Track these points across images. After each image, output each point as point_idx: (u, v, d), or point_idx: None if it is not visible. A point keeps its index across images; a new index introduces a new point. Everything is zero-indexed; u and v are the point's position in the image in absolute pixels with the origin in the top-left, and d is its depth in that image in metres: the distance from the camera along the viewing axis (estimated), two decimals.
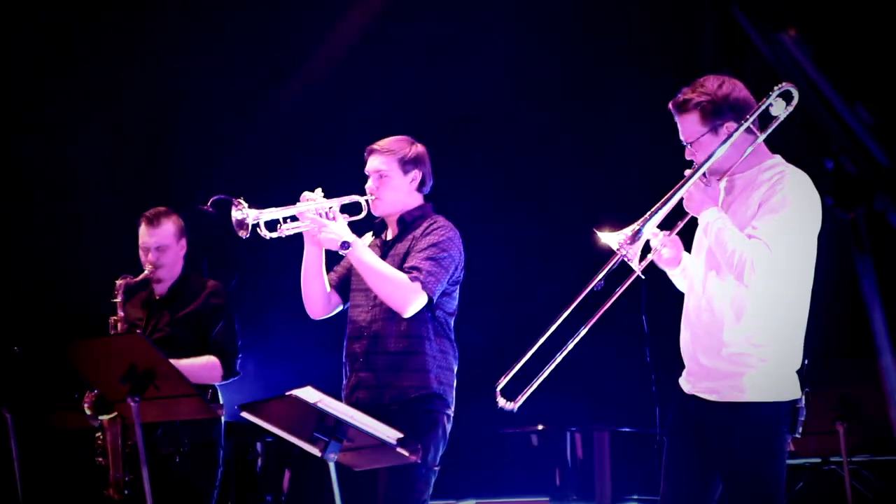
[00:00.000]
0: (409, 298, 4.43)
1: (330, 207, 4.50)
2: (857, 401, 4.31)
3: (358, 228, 4.60)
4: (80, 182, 7.35)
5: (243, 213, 4.40)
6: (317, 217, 4.46)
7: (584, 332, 3.88)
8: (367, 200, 4.61)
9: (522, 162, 7.45)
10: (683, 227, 3.95)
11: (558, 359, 3.87)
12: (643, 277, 3.85)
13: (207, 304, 5.38)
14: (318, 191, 4.53)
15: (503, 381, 3.92)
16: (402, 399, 4.45)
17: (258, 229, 4.42)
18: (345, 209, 4.56)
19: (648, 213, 3.77)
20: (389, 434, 3.95)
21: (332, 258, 4.65)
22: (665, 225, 3.87)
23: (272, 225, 4.45)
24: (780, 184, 3.75)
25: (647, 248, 3.88)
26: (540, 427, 6.30)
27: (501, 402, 3.93)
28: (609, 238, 3.74)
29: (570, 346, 3.87)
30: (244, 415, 4.06)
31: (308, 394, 3.87)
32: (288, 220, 4.48)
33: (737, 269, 3.69)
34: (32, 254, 7.25)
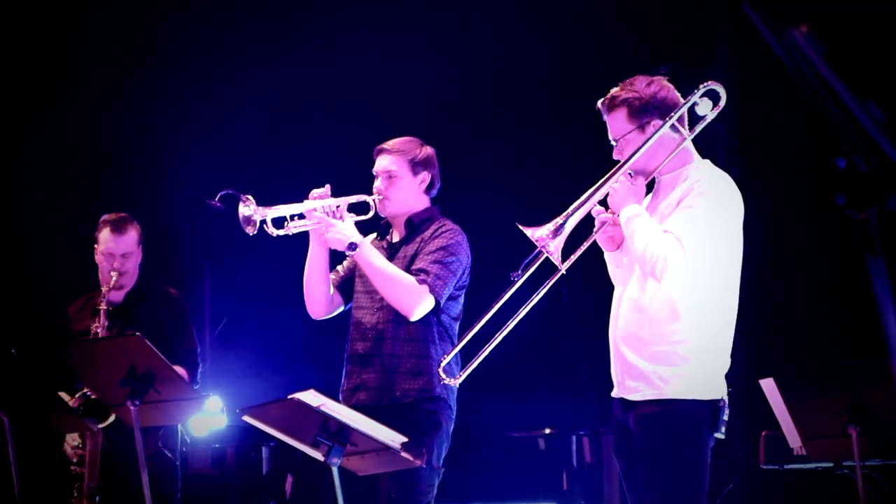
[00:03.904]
0: (417, 301, 4.38)
1: (338, 206, 4.45)
2: (869, 404, 4.25)
3: (361, 229, 4.54)
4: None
5: (251, 208, 4.37)
6: (324, 216, 4.42)
7: (513, 323, 3.92)
8: (374, 200, 4.56)
9: (525, 163, 7.40)
10: None
11: (497, 339, 3.90)
12: (565, 273, 3.86)
13: (171, 313, 5.29)
14: (327, 188, 4.48)
15: (447, 359, 4.13)
16: (404, 401, 4.40)
17: (265, 226, 4.38)
18: (352, 208, 4.52)
19: (571, 208, 3.78)
20: (393, 438, 3.91)
21: (335, 258, 4.60)
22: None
23: (279, 222, 4.41)
24: (697, 182, 3.74)
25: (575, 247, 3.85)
26: (547, 431, 6.26)
27: (445, 378, 4.09)
28: (531, 232, 3.75)
29: (506, 329, 3.90)
30: (245, 419, 4.02)
31: (310, 397, 3.83)
32: (295, 218, 4.44)
33: (650, 267, 3.67)
34: (32, 252, 7.21)
